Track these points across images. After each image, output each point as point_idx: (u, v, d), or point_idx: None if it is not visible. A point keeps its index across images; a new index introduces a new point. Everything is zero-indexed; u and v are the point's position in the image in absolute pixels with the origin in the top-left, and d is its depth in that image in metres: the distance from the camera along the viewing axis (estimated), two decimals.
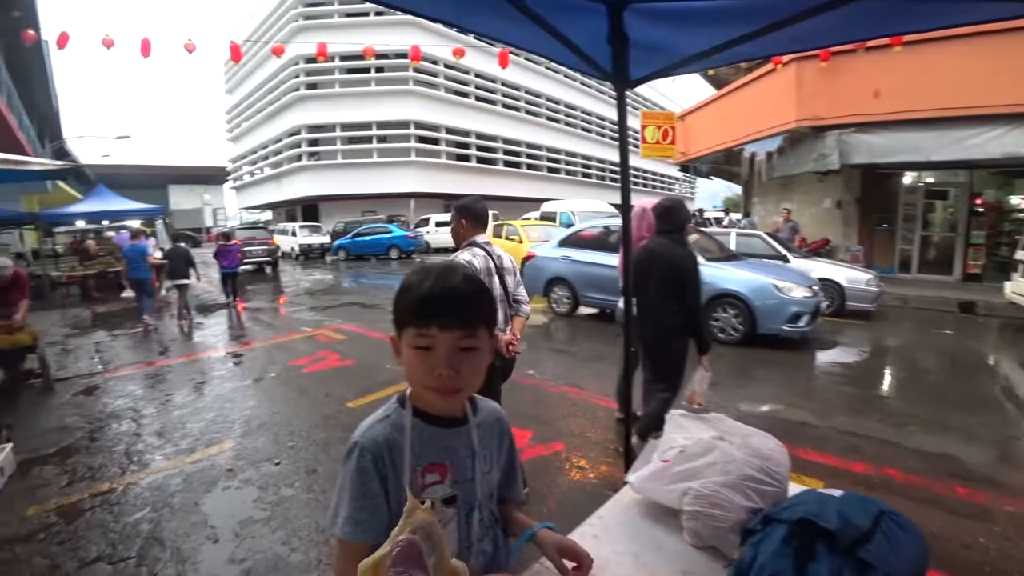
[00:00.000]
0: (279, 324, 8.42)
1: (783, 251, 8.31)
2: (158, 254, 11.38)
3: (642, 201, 3.70)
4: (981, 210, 10.90)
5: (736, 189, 21.16)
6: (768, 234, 8.94)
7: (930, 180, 11.46)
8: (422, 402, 0.93)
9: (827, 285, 7.82)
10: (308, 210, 34.22)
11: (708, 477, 1.09)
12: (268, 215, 43.16)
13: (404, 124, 30.82)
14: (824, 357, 6.08)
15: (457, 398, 0.92)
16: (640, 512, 1.20)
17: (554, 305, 8.52)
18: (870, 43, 8.57)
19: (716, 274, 6.43)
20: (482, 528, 0.97)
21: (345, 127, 31.33)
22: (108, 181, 15.09)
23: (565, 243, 8.42)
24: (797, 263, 8.07)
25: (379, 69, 30.64)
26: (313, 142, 32.33)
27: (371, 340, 7.00)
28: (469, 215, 2.77)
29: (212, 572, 2.39)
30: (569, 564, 0.98)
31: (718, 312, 6.47)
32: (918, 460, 3.41)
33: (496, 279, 2.72)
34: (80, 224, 15.38)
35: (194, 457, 3.56)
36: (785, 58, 9.54)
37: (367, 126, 31.19)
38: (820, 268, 8.14)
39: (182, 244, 9.20)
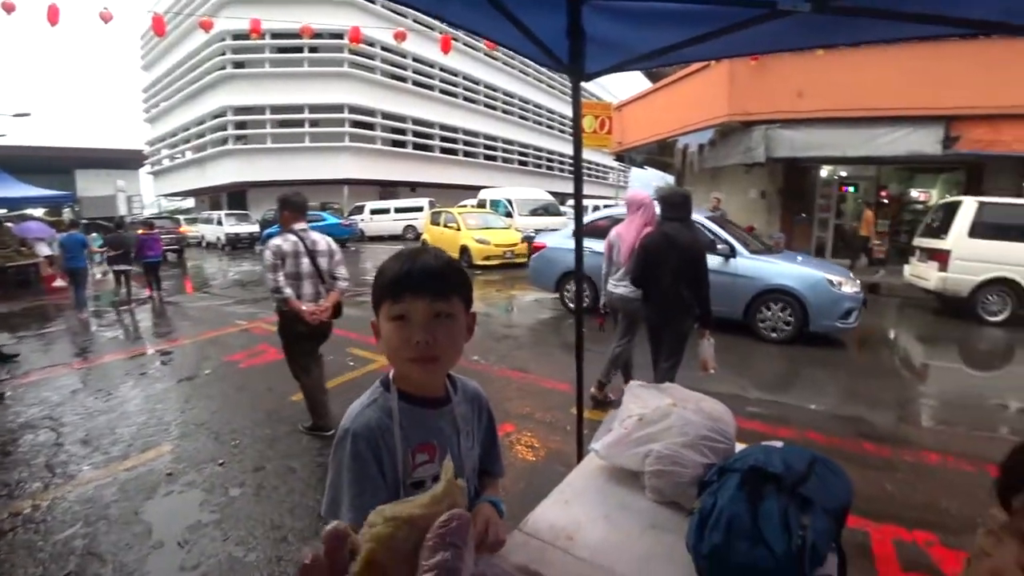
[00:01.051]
0: (209, 318, 7.97)
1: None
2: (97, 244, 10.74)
3: (636, 191, 3.99)
4: (886, 201, 12.03)
5: (669, 179, 22.02)
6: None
7: (843, 174, 12.50)
8: (405, 383, 0.96)
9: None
10: (235, 197, 32.28)
11: (667, 440, 1.20)
12: (190, 203, 40.33)
13: (338, 108, 29.62)
14: (749, 334, 6.57)
15: (436, 368, 0.93)
16: (605, 477, 1.30)
17: (570, 303, 7.57)
18: None
19: (764, 268, 6.01)
20: (468, 501, 1.02)
21: (275, 109, 29.72)
22: (3, 164, 13.60)
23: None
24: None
25: (312, 49, 29.17)
26: (240, 125, 30.45)
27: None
28: (288, 207, 3.38)
29: None
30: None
31: (764, 309, 6.02)
32: (834, 423, 3.82)
33: (307, 259, 3.36)
34: None
35: (128, 464, 3.34)
36: None
37: (299, 109, 29.73)
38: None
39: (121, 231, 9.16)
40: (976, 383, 5.26)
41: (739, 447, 1.29)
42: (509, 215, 15.41)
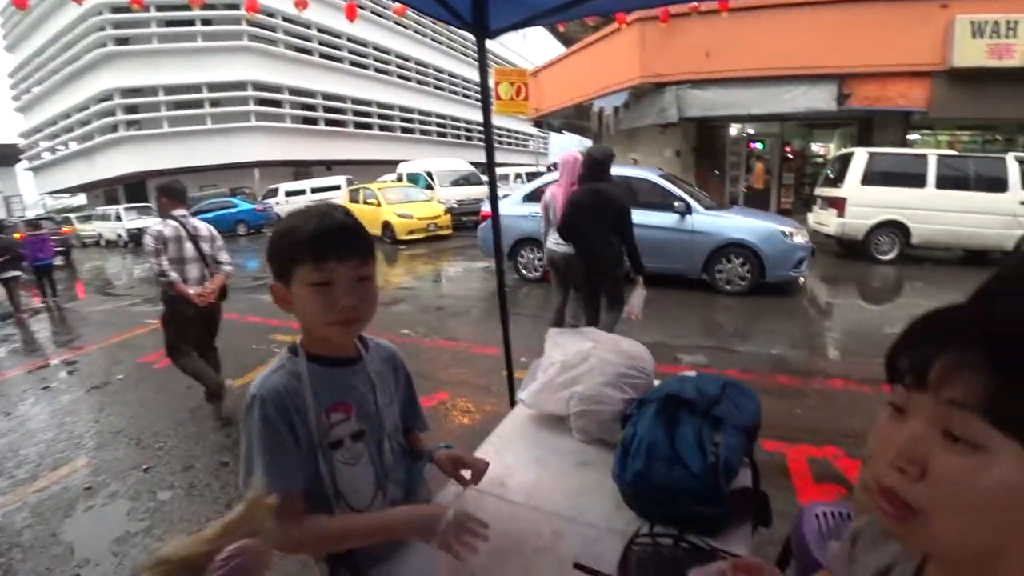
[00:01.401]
0: (116, 320, 7.34)
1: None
2: None
3: (567, 152, 4.11)
4: (790, 156, 12.87)
5: (587, 143, 22.32)
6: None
7: (751, 131, 13.20)
8: (316, 346, 0.95)
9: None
10: (133, 189, 29.42)
11: (588, 381, 1.25)
12: (82, 199, 36.46)
13: (240, 85, 27.35)
14: (670, 285, 6.88)
15: (358, 328, 0.94)
16: (534, 424, 1.33)
17: (523, 270, 7.46)
18: (702, 7, 9.54)
19: (719, 223, 6.17)
20: (394, 457, 1.03)
21: (169, 90, 27.02)
22: None
23: (531, 198, 7.05)
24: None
25: (206, 22, 26.67)
26: (131, 109, 27.53)
27: (229, 322, 6.40)
28: (166, 194, 3.46)
29: None
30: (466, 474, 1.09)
31: (723, 263, 6.17)
32: (752, 361, 4.14)
33: (189, 244, 3.44)
34: None
35: (38, 485, 3.04)
36: (629, 18, 10.18)
37: (196, 88, 27.18)
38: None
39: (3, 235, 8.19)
40: (872, 316, 5.84)
41: (657, 383, 1.35)
42: (430, 188, 15.13)
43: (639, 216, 5.95)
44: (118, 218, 19.77)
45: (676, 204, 6.20)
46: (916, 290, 6.58)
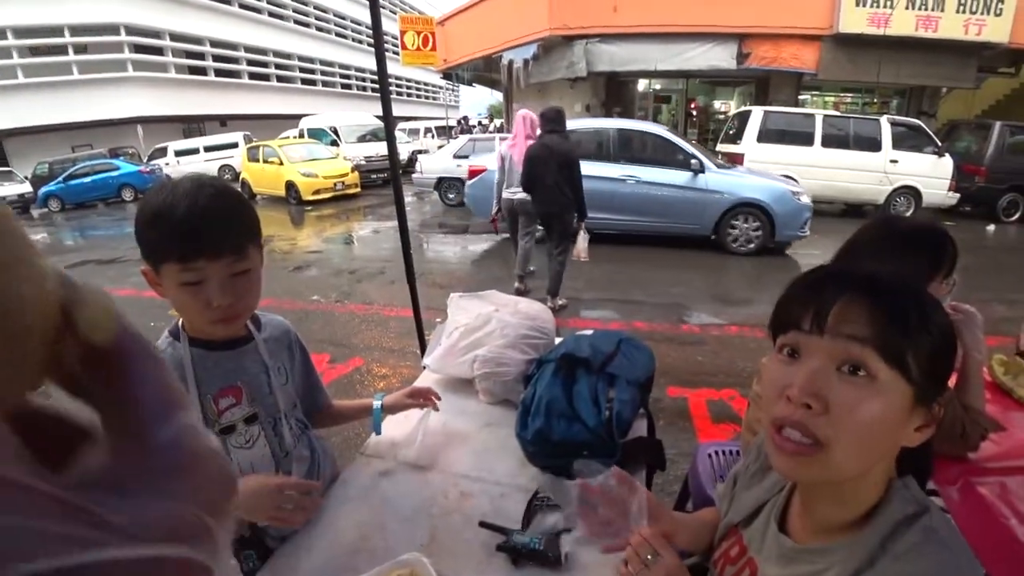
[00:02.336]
0: None
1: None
2: None
3: (521, 110, 4.52)
4: (695, 113, 13.42)
5: (498, 96, 21.91)
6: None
7: (658, 87, 13.58)
8: (201, 332, 0.88)
9: None
10: None
11: (490, 344, 1.26)
12: None
13: (112, 28, 23.63)
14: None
15: (240, 322, 0.90)
16: (441, 388, 1.33)
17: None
18: None
19: (733, 182, 6.06)
20: (293, 437, 1.00)
21: (21, 32, 22.89)
22: None
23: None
24: None
25: None
26: None
27: (122, 299, 5.85)
28: None
29: None
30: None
31: (737, 222, 6.06)
32: (657, 312, 4.40)
33: None
34: None
35: None
36: None
37: (57, 31, 23.15)
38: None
39: None
40: (768, 266, 6.31)
41: (558, 341, 1.40)
42: (335, 144, 14.32)
43: (648, 172, 6.18)
44: None
45: (692, 162, 6.04)
46: (805, 241, 7.12)
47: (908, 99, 12.58)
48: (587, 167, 6.37)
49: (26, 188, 17.63)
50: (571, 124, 7.35)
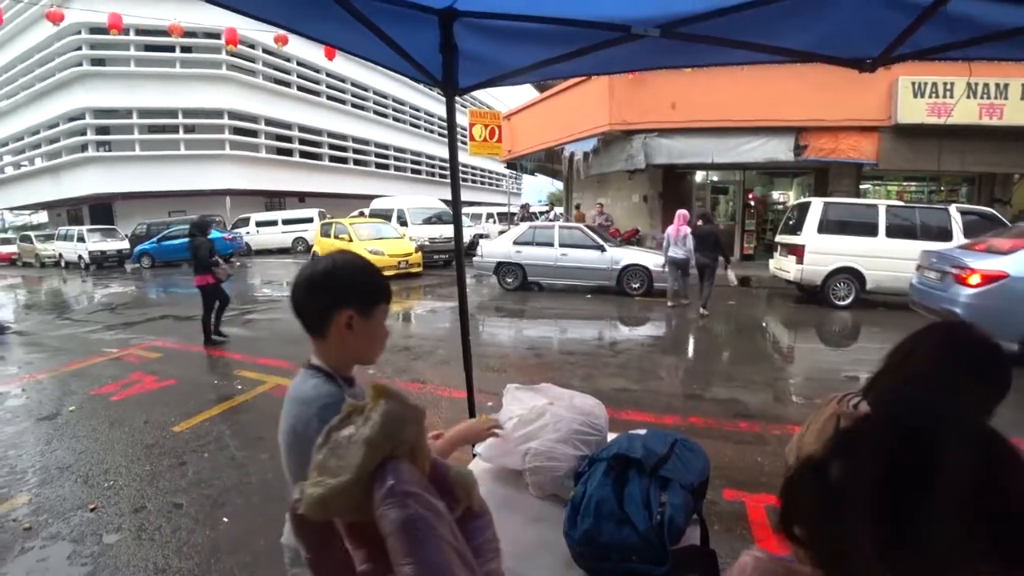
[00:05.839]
0: (72, 347, 7.06)
1: (599, 241, 9.43)
2: None
3: (680, 210, 8.20)
4: (752, 203, 13.45)
5: (559, 185, 22.84)
6: (587, 226, 10.10)
7: (715, 178, 13.80)
8: (342, 368, 1.09)
9: (637, 269, 9.08)
10: (99, 210, 28.63)
11: (543, 437, 1.29)
12: (43, 216, 35.27)
13: (217, 113, 27.20)
14: (638, 331, 7.01)
15: None
16: (490, 478, 1.36)
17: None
18: None
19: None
20: None
21: (144, 113, 26.68)
22: None
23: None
24: (611, 251, 9.30)
25: (186, 49, 26.64)
26: (103, 129, 27.04)
27: (193, 355, 6.29)
28: None
29: None
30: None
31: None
32: (713, 407, 4.21)
33: None
34: None
35: None
36: None
37: (172, 113, 26.92)
38: (630, 254, 9.48)
39: None
40: (832, 359, 6.06)
41: (611, 436, 1.40)
42: (403, 224, 15.21)
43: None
44: (81, 239, 19.19)
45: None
46: (872, 335, 6.86)
47: (978, 186, 12.15)
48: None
49: (124, 245, 19.74)
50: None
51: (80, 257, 19.02)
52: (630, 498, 1.10)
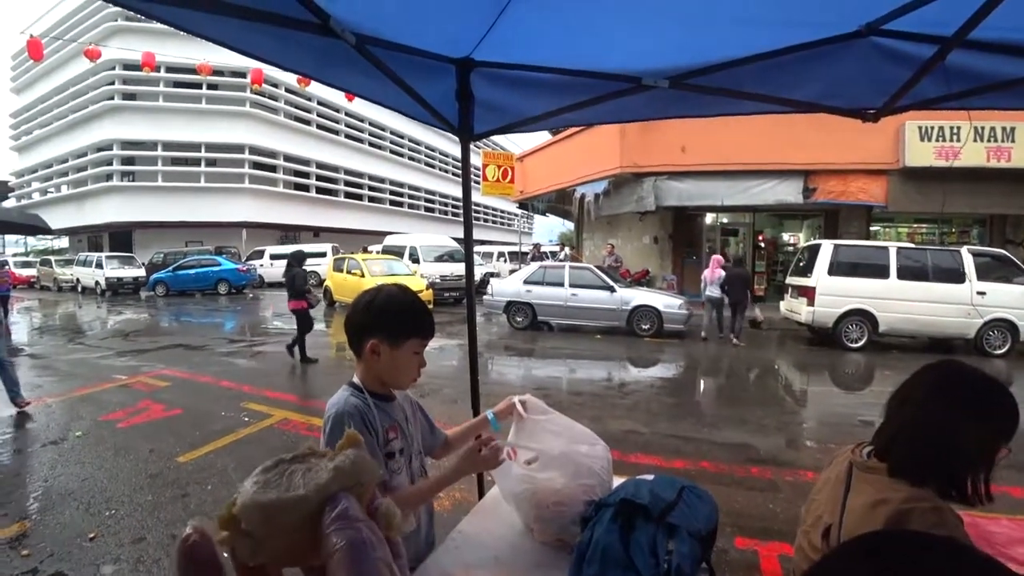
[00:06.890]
0: (82, 372, 7.11)
1: (609, 281, 9.45)
2: None
3: (714, 255, 9.30)
4: (762, 245, 13.49)
5: (570, 225, 23.12)
6: (597, 266, 10.16)
7: (725, 220, 13.90)
8: (375, 387, 1.20)
9: (647, 310, 9.06)
10: (119, 238, 29.39)
11: (550, 482, 1.28)
12: (64, 242, 36.15)
13: (238, 148, 28.19)
14: (647, 372, 6.95)
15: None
16: (496, 522, 1.34)
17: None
18: None
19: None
20: (421, 471, 1.30)
21: (168, 146, 27.71)
22: None
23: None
24: (622, 292, 9.27)
25: (212, 86, 27.80)
26: (128, 160, 28.05)
27: (200, 385, 6.30)
28: None
29: None
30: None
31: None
32: (724, 451, 4.12)
33: None
34: None
35: None
36: None
37: (195, 147, 27.93)
38: (641, 295, 9.45)
39: None
40: (844, 403, 5.94)
41: (617, 481, 1.39)
42: (415, 261, 15.39)
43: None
44: (99, 265, 19.58)
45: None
46: (885, 378, 6.73)
47: (989, 227, 12.11)
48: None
49: (141, 272, 20.12)
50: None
51: (97, 283, 19.38)
52: (636, 545, 1.08)
